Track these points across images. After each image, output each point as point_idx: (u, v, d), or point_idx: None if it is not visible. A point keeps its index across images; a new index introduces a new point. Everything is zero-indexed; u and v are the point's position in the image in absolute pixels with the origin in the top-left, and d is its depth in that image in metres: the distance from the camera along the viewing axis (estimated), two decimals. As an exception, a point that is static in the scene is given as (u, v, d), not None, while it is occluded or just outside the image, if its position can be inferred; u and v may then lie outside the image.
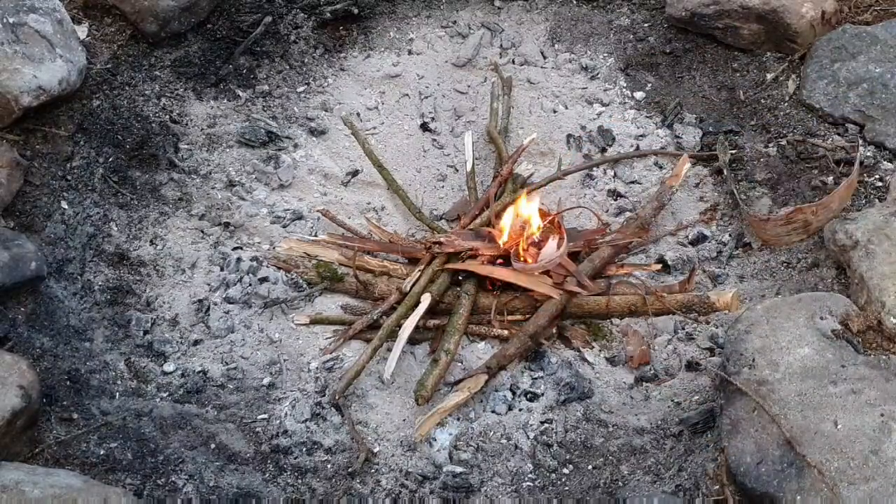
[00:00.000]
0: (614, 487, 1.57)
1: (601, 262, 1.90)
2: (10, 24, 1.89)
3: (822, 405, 1.43)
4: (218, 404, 1.71)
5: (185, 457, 1.59)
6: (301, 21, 2.37)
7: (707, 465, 1.55)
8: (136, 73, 2.17)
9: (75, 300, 1.81)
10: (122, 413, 1.65)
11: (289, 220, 2.05)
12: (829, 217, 1.82)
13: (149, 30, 2.18)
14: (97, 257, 1.90)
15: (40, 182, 1.91)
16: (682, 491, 1.52)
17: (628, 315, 1.84)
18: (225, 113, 2.21)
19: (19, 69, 1.84)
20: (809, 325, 1.55)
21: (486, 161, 2.18)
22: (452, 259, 1.87)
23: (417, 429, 1.63)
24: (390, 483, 1.60)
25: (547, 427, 1.67)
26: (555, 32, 2.42)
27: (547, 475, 1.60)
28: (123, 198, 2.00)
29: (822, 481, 1.34)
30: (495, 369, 1.71)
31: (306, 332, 1.85)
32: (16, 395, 1.49)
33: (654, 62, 2.34)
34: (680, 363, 1.77)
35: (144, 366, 1.77)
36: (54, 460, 1.54)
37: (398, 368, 1.73)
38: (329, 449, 1.65)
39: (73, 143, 1.99)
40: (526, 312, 1.83)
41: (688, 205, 2.07)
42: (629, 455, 1.62)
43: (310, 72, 2.32)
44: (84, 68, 2.01)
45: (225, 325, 1.84)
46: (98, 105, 2.07)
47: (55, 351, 1.70)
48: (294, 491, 1.57)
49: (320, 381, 1.76)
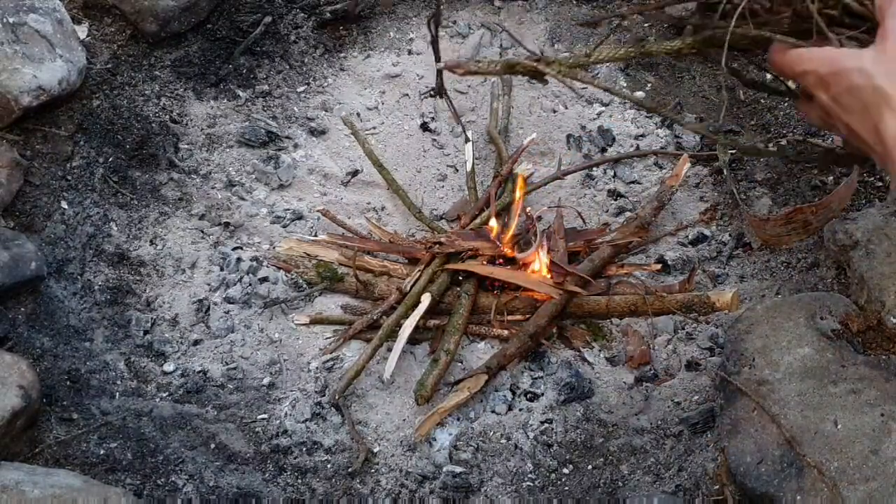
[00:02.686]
0: (614, 487, 1.58)
1: (601, 262, 1.90)
2: (10, 23, 1.89)
3: (822, 405, 1.43)
4: (218, 404, 1.71)
5: (185, 457, 1.59)
6: (301, 21, 2.37)
7: (707, 465, 1.55)
8: (136, 73, 2.17)
9: (75, 300, 1.81)
10: (122, 413, 1.65)
11: (289, 220, 2.05)
12: (829, 217, 1.82)
13: (149, 30, 2.18)
14: (97, 257, 1.90)
15: (40, 182, 1.91)
16: (682, 491, 1.53)
17: (628, 315, 1.84)
18: (225, 113, 2.21)
19: (19, 69, 1.84)
20: (809, 324, 1.55)
21: (486, 161, 2.18)
22: (452, 259, 1.87)
23: (417, 429, 1.63)
24: (390, 483, 1.60)
25: (547, 427, 1.67)
26: (555, 32, 2.42)
27: (547, 475, 1.60)
28: (123, 198, 2.00)
29: (822, 481, 1.34)
30: (495, 369, 1.71)
31: (306, 332, 1.85)
32: (16, 395, 1.49)
33: (654, 62, 2.34)
34: (680, 363, 1.77)
35: (144, 366, 1.77)
36: (54, 460, 1.54)
37: (398, 368, 1.73)
38: (329, 449, 1.65)
39: (73, 143, 1.99)
40: (526, 312, 1.83)
41: (688, 205, 2.07)
42: (629, 455, 1.62)
43: (310, 72, 2.32)
44: (84, 68, 2.01)
45: (225, 325, 1.85)
46: (98, 105, 2.07)
47: (55, 351, 1.70)
48: (294, 491, 1.57)
49: (320, 381, 1.76)
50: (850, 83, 0.98)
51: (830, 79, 1.01)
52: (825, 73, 1.01)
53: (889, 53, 0.96)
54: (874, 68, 0.97)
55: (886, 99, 0.95)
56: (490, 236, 1.90)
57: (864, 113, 0.98)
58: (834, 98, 1.01)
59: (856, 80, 0.98)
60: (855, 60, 0.99)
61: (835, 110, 1.02)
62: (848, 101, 0.99)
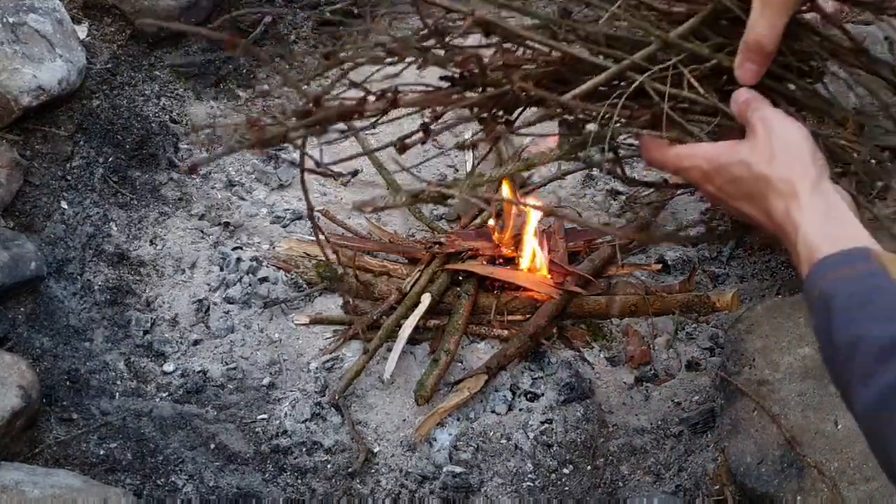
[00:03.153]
0: (614, 487, 1.58)
1: (601, 262, 1.90)
2: (9, 23, 1.89)
3: (822, 405, 1.43)
4: (218, 404, 1.71)
5: (185, 457, 1.59)
6: (301, 21, 2.37)
7: (707, 465, 1.55)
8: (136, 73, 2.17)
9: (75, 300, 1.81)
10: (122, 413, 1.65)
11: (289, 220, 2.05)
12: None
13: (149, 30, 2.18)
14: (97, 257, 1.90)
15: (40, 182, 1.91)
16: (682, 491, 1.53)
17: (628, 315, 1.84)
18: (225, 113, 2.21)
19: (19, 69, 1.84)
20: (810, 324, 1.54)
21: (486, 161, 2.18)
22: (452, 259, 1.87)
23: (417, 429, 1.63)
24: (390, 483, 1.60)
25: (547, 427, 1.67)
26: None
27: (547, 475, 1.60)
28: (123, 198, 2.00)
29: (822, 481, 1.34)
30: (495, 369, 1.71)
31: (306, 332, 1.85)
32: (16, 395, 1.49)
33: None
34: (680, 363, 1.77)
35: (144, 366, 1.77)
36: (54, 460, 1.54)
37: (398, 368, 1.73)
38: (329, 449, 1.65)
39: (72, 143, 1.99)
40: (526, 312, 1.83)
41: (688, 205, 2.07)
42: (629, 455, 1.62)
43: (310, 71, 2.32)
44: (84, 68, 2.01)
45: (225, 325, 1.85)
46: (98, 105, 2.07)
47: (55, 351, 1.70)
48: (294, 491, 1.57)
49: (320, 381, 1.76)
50: (733, 175, 1.07)
51: (713, 173, 1.09)
52: (708, 169, 1.10)
53: (761, 145, 1.05)
54: (752, 158, 1.05)
55: (769, 183, 1.02)
56: (490, 236, 1.90)
57: (750, 199, 1.06)
58: (720, 189, 1.09)
59: (737, 171, 1.07)
60: (734, 155, 1.08)
61: (723, 198, 1.10)
62: (733, 191, 1.08)
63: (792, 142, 1.05)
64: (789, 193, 1.01)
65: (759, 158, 1.05)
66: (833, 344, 0.86)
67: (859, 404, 0.83)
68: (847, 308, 0.85)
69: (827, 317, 0.87)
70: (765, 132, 1.06)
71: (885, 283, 0.85)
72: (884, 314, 0.83)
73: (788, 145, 1.05)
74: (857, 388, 0.83)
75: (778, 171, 1.03)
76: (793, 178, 1.01)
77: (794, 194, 1.00)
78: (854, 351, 0.83)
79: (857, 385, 0.83)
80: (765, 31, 1.10)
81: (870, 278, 0.87)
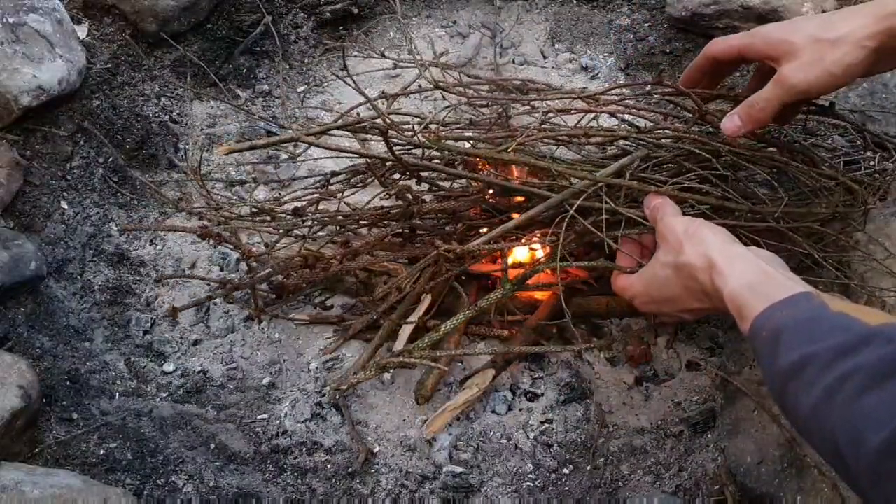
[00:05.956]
0: (614, 487, 1.58)
1: (601, 262, 1.90)
2: (9, 23, 1.89)
3: (822, 405, 1.42)
4: (218, 404, 1.71)
5: (185, 457, 1.59)
6: (301, 21, 2.37)
7: (707, 465, 1.55)
8: (136, 73, 2.17)
9: (75, 300, 1.81)
10: (122, 413, 1.65)
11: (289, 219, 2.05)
12: (828, 217, 1.83)
13: (149, 29, 2.18)
14: (97, 257, 1.90)
15: (40, 182, 1.91)
16: (683, 491, 1.53)
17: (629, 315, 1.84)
18: (225, 113, 2.21)
19: (19, 69, 1.84)
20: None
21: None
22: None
23: (428, 425, 1.63)
24: (390, 483, 1.60)
25: (547, 427, 1.67)
26: (555, 32, 2.42)
27: (547, 475, 1.61)
28: (123, 198, 2.00)
29: (822, 481, 1.34)
30: (501, 365, 1.71)
31: (306, 332, 1.85)
32: (15, 395, 1.49)
33: (655, 62, 2.34)
34: (680, 363, 1.77)
35: (144, 366, 1.77)
36: (54, 460, 1.54)
37: (398, 368, 1.73)
38: (329, 449, 1.65)
39: (73, 143, 1.99)
40: (526, 312, 1.82)
41: (688, 205, 2.07)
42: (629, 455, 1.63)
43: (310, 72, 2.32)
44: (84, 68, 2.01)
45: (225, 325, 1.85)
46: (98, 105, 2.07)
47: (55, 351, 1.70)
48: (294, 491, 1.57)
49: (320, 381, 1.76)
50: (662, 280, 1.25)
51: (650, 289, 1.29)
52: (643, 289, 1.31)
53: (671, 243, 1.24)
54: (668, 258, 1.24)
55: (690, 266, 1.18)
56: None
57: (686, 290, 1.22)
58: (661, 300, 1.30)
59: (663, 274, 1.25)
60: (654, 264, 1.28)
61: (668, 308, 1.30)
62: (669, 293, 1.25)
63: (691, 227, 1.22)
64: (707, 266, 1.15)
65: (674, 254, 1.22)
66: (778, 368, 0.96)
67: (806, 406, 0.90)
68: (795, 332, 0.96)
69: (775, 346, 0.97)
70: (670, 232, 1.24)
71: (827, 314, 0.96)
72: (827, 334, 0.92)
73: (689, 232, 1.21)
74: (801, 399, 0.91)
75: (690, 253, 1.18)
76: (705, 251, 1.17)
77: (712, 264, 1.15)
78: (801, 370, 0.92)
79: (801, 395, 0.91)
80: (767, 98, 1.27)
81: (812, 311, 0.98)
